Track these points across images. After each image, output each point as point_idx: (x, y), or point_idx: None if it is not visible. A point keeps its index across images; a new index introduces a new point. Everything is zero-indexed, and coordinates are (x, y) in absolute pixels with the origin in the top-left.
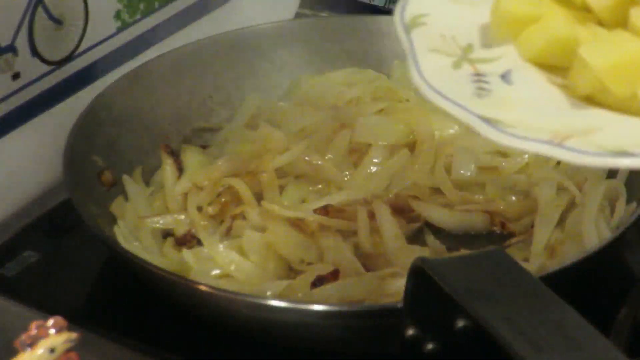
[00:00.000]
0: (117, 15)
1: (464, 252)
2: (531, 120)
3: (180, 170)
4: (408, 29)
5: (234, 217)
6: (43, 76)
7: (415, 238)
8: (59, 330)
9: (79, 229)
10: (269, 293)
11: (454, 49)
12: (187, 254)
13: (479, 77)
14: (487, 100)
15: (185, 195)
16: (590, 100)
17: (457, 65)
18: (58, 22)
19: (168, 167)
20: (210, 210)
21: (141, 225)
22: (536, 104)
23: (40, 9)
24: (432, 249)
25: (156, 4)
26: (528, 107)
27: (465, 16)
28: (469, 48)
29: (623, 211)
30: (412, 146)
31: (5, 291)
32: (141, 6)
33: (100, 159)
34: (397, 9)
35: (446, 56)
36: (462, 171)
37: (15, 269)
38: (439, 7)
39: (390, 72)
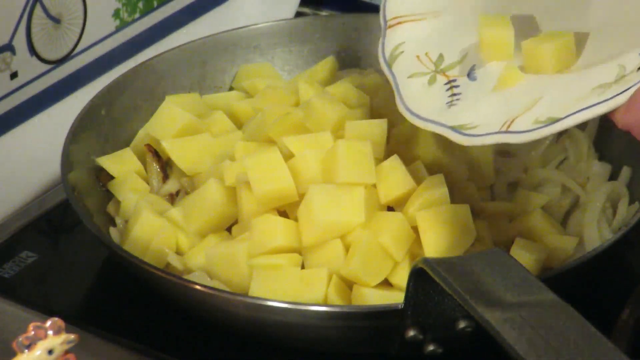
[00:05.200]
0: (116, 14)
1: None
2: (487, 114)
3: (164, 170)
4: (390, 63)
5: None
6: (41, 75)
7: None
8: (57, 332)
9: (77, 230)
10: None
11: (428, 65)
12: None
13: (450, 83)
14: (456, 108)
15: (172, 195)
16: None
17: (432, 80)
18: (56, 21)
19: (152, 167)
20: None
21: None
22: (491, 97)
23: (38, 8)
24: None
25: (155, 3)
26: (486, 101)
27: (433, 29)
28: (440, 58)
29: (625, 212)
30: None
31: (3, 292)
32: (140, 5)
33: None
34: (379, 48)
35: (422, 76)
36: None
37: (13, 269)
38: (410, 31)
39: None
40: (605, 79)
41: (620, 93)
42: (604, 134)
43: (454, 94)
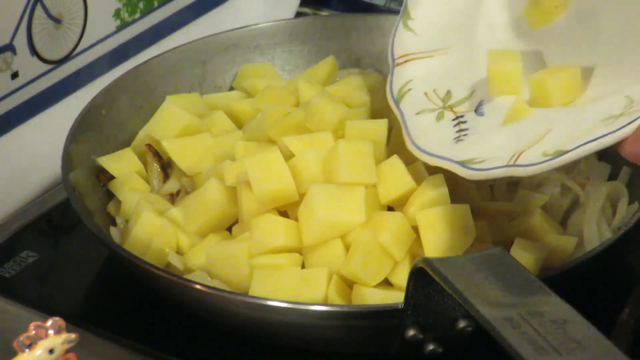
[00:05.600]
0: (117, 14)
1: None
2: (495, 148)
3: (164, 170)
4: (397, 101)
5: None
6: (42, 75)
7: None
8: (57, 331)
9: (77, 229)
10: None
11: (436, 102)
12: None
13: (458, 119)
14: (463, 143)
15: (172, 195)
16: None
17: (440, 116)
18: (57, 21)
19: (152, 167)
20: None
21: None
22: (499, 131)
23: (38, 8)
24: None
25: (155, 3)
26: (494, 135)
27: (441, 66)
28: (447, 95)
29: (625, 212)
30: None
31: (4, 291)
32: (141, 5)
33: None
34: (387, 86)
35: (430, 112)
36: None
37: (13, 269)
38: (418, 68)
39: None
40: (613, 110)
41: (628, 124)
42: None
43: (462, 130)
